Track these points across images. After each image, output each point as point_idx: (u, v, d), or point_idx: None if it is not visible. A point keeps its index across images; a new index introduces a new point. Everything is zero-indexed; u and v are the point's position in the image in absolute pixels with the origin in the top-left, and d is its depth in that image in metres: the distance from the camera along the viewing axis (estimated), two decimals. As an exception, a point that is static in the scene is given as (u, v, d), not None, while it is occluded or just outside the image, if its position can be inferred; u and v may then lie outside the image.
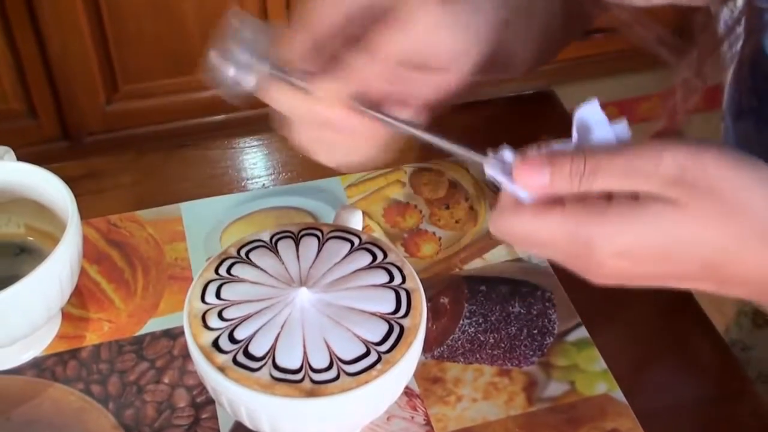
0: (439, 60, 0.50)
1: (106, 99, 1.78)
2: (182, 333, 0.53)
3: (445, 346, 0.62)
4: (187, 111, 1.82)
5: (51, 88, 1.72)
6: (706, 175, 0.42)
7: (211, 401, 0.59)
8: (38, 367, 0.61)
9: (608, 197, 0.44)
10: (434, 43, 0.50)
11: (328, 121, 0.49)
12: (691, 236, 0.43)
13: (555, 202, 0.45)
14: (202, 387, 0.59)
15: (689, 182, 0.42)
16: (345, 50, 0.49)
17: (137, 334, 0.63)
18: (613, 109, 2.10)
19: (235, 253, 0.56)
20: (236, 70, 0.48)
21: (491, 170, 0.47)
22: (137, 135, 1.82)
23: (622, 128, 0.45)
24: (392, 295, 0.53)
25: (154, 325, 0.64)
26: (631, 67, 1.81)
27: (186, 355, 0.61)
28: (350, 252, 0.56)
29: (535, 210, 0.45)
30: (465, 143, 0.48)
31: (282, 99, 0.49)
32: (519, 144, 0.50)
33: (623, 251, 0.44)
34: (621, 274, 0.45)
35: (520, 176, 0.45)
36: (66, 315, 0.64)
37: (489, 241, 0.69)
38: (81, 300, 0.65)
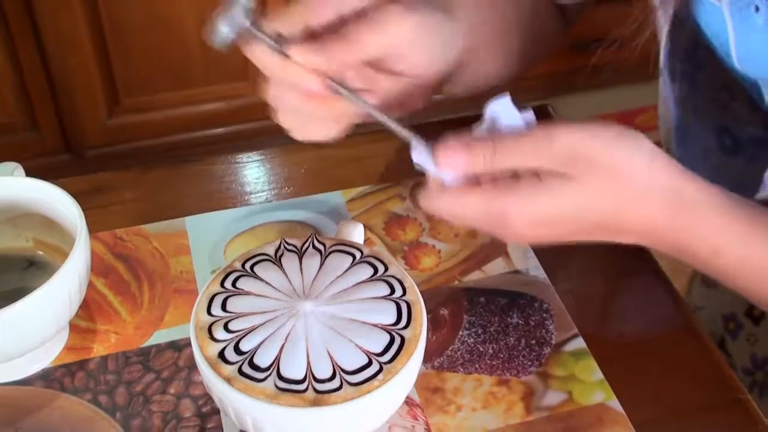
0: (407, 66, 0.55)
1: (108, 112, 1.78)
2: (187, 344, 0.54)
3: (445, 357, 0.63)
4: (187, 124, 1.83)
5: (53, 102, 1.73)
6: (590, 151, 0.49)
7: (216, 411, 0.60)
8: (47, 378, 0.62)
9: (516, 177, 0.50)
10: (406, 51, 0.55)
11: (297, 84, 0.53)
12: (585, 202, 0.50)
13: (473, 184, 0.51)
14: (207, 397, 0.60)
15: (577, 159, 0.49)
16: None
17: (143, 345, 0.64)
18: (610, 121, 2.11)
19: (240, 267, 0.58)
20: (230, 28, 0.51)
21: (418, 158, 0.52)
22: (138, 148, 1.83)
23: (529, 116, 0.52)
24: (393, 307, 0.55)
25: (160, 336, 0.65)
26: (628, 80, 1.82)
27: (191, 366, 0.62)
28: (352, 265, 0.58)
29: (455, 191, 0.51)
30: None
31: (262, 56, 0.53)
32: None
33: (534, 220, 0.50)
34: (538, 238, 0.53)
35: (442, 158, 0.51)
36: (74, 327, 0.65)
37: (488, 254, 0.71)
38: (88, 312, 0.66)
